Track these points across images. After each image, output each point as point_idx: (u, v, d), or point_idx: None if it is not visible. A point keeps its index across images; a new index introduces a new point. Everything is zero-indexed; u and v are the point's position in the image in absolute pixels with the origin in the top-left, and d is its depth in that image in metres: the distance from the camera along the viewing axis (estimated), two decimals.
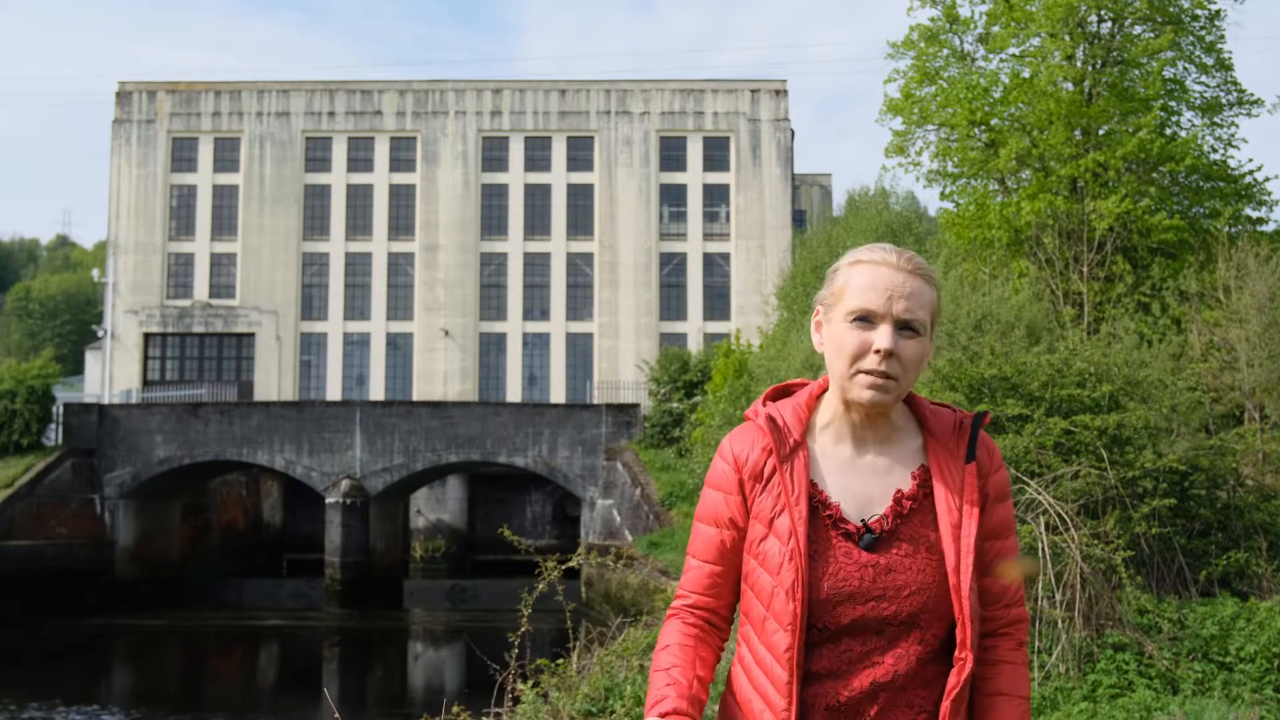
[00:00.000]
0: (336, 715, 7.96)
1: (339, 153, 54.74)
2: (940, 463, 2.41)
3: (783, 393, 2.57)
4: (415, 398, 50.79)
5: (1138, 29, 22.24)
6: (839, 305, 2.39)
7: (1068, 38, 21.69)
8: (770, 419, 2.46)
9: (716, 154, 54.58)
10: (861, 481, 2.42)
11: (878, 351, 2.33)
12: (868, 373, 2.34)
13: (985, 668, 2.44)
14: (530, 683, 8.53)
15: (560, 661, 9.24)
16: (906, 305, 2.34)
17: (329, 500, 37.67)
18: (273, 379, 53.03)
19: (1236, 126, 22.62)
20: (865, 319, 2.35)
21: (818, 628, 2.35)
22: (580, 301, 54.21)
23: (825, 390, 2.50)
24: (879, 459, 2.43)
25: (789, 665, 2.32)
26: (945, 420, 2.47)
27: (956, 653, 2.34)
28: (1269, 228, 22.31)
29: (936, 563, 2.36)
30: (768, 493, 2.41)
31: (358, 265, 54.47)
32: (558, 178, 54.60)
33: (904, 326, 2.35)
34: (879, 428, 2.44)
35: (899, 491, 2.40)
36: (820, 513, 2.39)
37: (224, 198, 54.59)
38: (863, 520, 2.38)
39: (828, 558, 2.35)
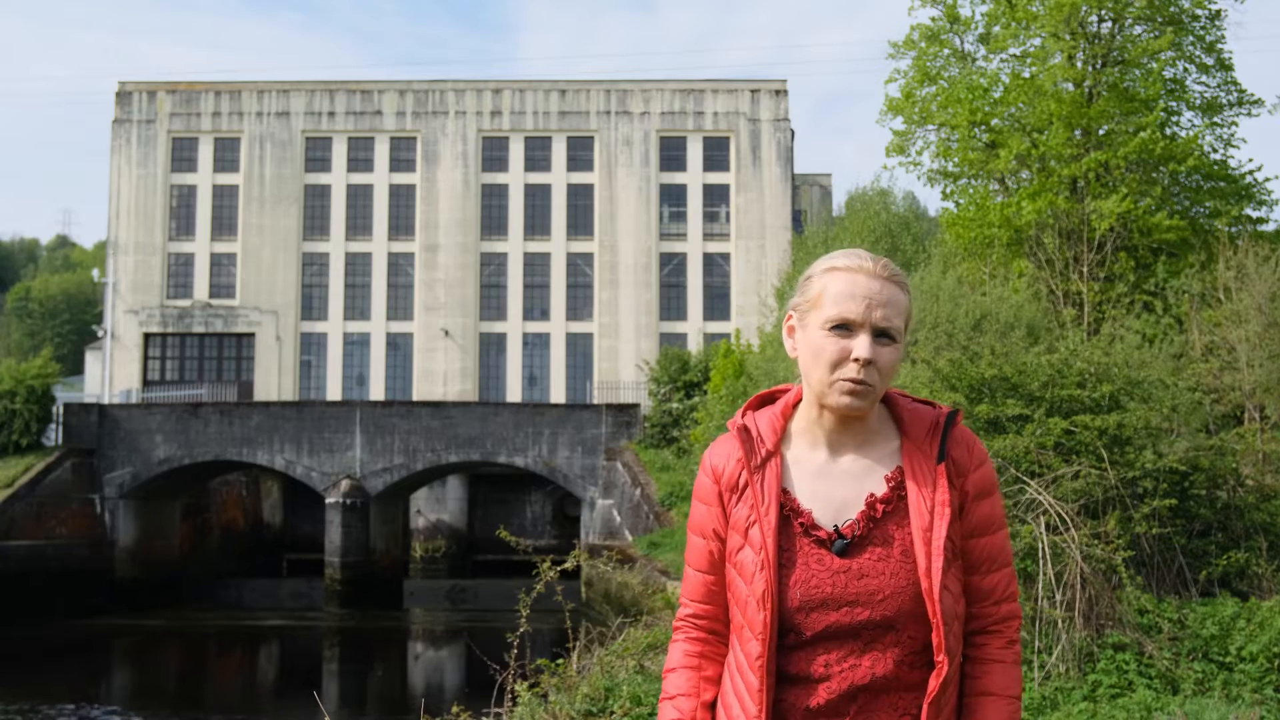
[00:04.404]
0: (327, 718, 7.97)
1: (339, 153, 54.74)
2: (914, 464, 2.40)
3: (766, 400, 2.57)
4: (415, 398, 50.77)
5: (1138, 29, 22.24)
6: (815, 312, 2.39)
7: (1068, 38, 21.67)
8: (744, 429, 2.48)
9: (716, 154, 54.57)
10: (835, 486, 2.41)
11: (857, 360, 2.33)
12: (847, 380, 2.34)
13: (974, 666, 2.43)
14: (528, 683, 8.52)
15: (560, 662, 9.23)
16: (884, 314, 2.35)
17: (329, 500, 37.66)
18: (273, 379, 53.03)
19: (1236, 126, 22.66)
20: (844, 327, 2.35)
21: (793, 634, 2.35)
22: (580, 301, 54.20)
23: (802, 398, 2.50)
24: (854, 463, 2.43)
25: (760, 672, 2.34)
26: (923, 420, 2.46)
27: (935, 655, 2.32)
28: (1269, 227, 22.32)
29: (911, 566, 2.34)
30: (743, 503, 2.43)
31: (358, 265, 54.46)
32: (558, 178, 54.59)
33: (881, 334, 2.35)
34: (855, 432, 2.44)
35: (872, 495, 2.40)
36: (792, 521, 2.39)
37: (224, 198, 54.59)
38: (835, 526, 2.38)
39: (800, 565, 2.36)
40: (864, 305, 2.34)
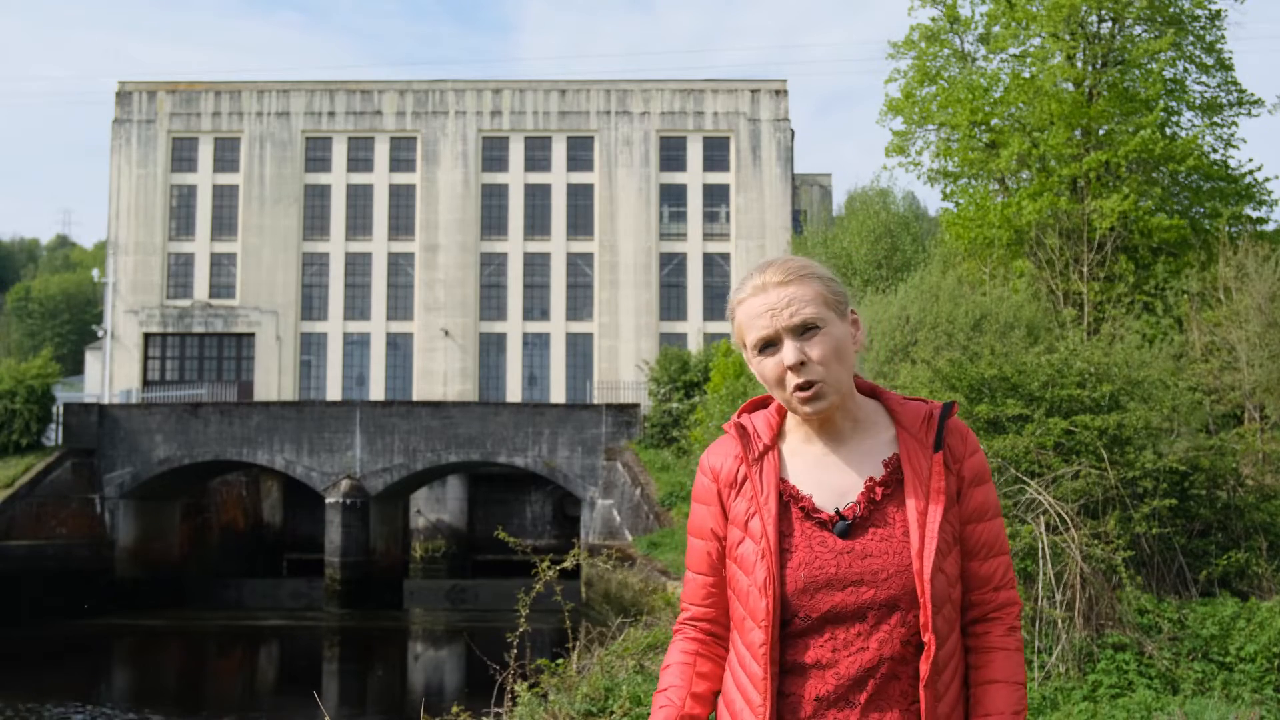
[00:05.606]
0: (327, 718, 7.97)
1: (339, 153, 54.73)
2: (910, 451, 2.46)
3: (760, 405, 2.63)
4: (415, 398, 50.77)
5: (1138, 29, 22.24)
6: (747, 344, 2.48)
7: (1068, 38, 21.67)
8: (740, 427, 2.54)
9: (716, 154, 54.56)
10: (834, 474, 2.46)
11: (790, 368, 2.39)
12: (796, 390, 2.40)
13: (977, 655, 2.46)
14: (528, 683, 8.52)
15: (560, 662, 9.23)
16: (790, 312, 2.40)
17: (329, 500, 37.65)
18: (273, 379, 53.02)
19: (1236, 126, 22.63)
20: (768, 345, 2.42)
21: (799, 618, 2.38)
22: (580, 301, 54.19)
23: None
24: (851, 452, 2.48)
25: (764, 661, 2.37)
26: (915, 412, 2.52)
27: (921, 635, 2.35)
28: (1269, 227, 22.32)
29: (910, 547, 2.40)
30: (741, 497, 2.48)
31: (358, 265, 54.45)
32: (558, 178, 54.58)
33: (802, 331, 2.40)
34: (843, 427, 2.49)
35: (870, 479, 2.44)
36: (792, 507, 2.44)
37: (224, 198, 54.58)
38: (836, 509, 2.42)
39: (802, 549, 2.40)
40: (769, 318, 2.41)
